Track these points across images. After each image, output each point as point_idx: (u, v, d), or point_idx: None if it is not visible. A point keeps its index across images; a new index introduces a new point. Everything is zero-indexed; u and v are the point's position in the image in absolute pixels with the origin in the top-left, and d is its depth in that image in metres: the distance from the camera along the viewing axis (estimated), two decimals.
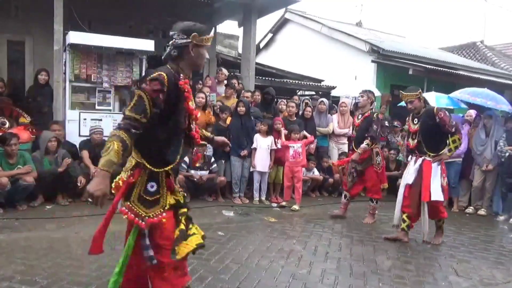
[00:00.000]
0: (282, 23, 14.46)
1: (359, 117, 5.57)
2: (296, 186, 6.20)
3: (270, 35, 15.03)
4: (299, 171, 6.21)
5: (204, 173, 6.16)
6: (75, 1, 7.28)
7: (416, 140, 4.52)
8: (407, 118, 4.85)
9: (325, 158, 7.45)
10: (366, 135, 5.33)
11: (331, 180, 7.29)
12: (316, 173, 7.20)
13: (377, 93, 9.57)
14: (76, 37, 6.29)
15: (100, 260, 3.52)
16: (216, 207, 5.97)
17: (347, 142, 7.51)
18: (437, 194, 4.39)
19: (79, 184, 5.51)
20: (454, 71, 11.27)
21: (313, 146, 7.08)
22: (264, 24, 21.23)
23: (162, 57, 2.28)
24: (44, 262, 3.46)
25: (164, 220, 2.12)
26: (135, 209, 2.09)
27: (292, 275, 3.42)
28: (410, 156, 4.79)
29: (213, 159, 6.29)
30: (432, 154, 4.46)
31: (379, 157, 5.44)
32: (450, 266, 3.92)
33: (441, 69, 10.75)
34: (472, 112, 6.95)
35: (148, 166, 2.12)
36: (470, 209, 6.60)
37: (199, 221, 5.14)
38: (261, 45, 15.01)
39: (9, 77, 7.56)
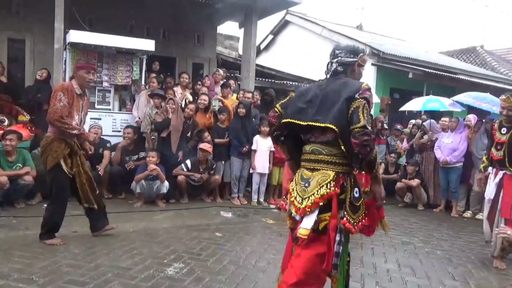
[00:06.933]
0: (283, 25, 14.49)
1: None
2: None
3: (270, 36, 15.06)
4: None
5: (205, 176, 6.16)
6: (76, 0, 7.28)
7: (501, 152, 4.18)
8: (493, 125, 4.41)
9: None
10: None
11: None
12: None
13: (376, 99, 9.56)
14: (76, 36, 6.30)
15: (97, 259, 3.53)
16: (214, 208, 5.97)
17: None
18: None
19: None
20: (454, 75, 11.30)
21: None
22: (264, 26, 21.29)
23: (326, 72, 2.40)
24: (42, 260, 3.45)
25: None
26: (348, 217, 2.16)
27: None
28: (490, 168, 4.37)
29: (214, 165, 6.29)
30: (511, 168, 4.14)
31: None
32: (447, 270, 3.93)
33: (441, 73, 10.77)
34: (471, 117, 6.93)
35: (354, 172, 2.23)
36: (468, 213, 6.60)
37: (197, 221, 5.18)
38: (262, 47, 15.04)
39: (8, 73, 7.53)
